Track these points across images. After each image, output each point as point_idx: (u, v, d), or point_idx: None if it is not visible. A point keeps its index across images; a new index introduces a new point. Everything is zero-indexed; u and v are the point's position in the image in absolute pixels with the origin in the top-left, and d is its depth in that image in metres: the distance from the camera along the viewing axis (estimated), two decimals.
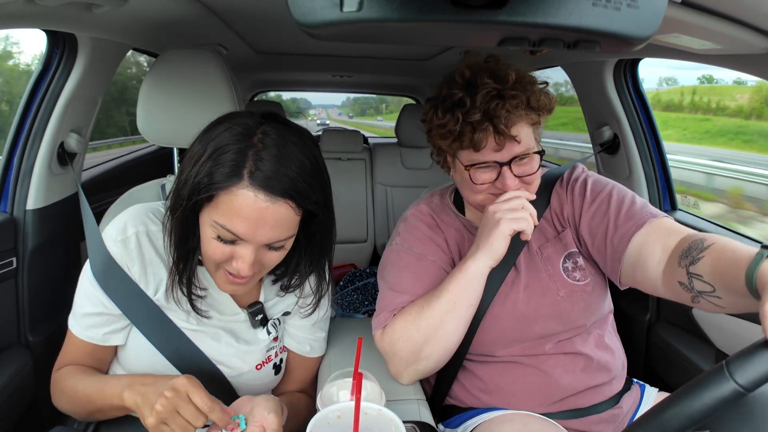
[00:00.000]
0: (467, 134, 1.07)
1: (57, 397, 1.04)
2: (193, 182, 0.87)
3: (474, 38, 0.65)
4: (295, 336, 1.18)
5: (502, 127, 1.05)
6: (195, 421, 0.83)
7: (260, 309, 1.10)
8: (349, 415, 0.74)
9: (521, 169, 1.11)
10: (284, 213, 0.87)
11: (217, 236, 0.89)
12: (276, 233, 0.89)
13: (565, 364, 1.17)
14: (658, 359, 1.77)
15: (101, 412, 0.98)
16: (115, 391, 0.92)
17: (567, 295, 1.18)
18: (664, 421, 0.58)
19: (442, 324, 1.10)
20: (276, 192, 0.85)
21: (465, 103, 1.07)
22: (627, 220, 1.10)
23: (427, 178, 2.91)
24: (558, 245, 1.22)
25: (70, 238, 1.68)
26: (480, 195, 1.15)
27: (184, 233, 0.94)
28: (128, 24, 1.39)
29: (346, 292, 2.45)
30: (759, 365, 0.56)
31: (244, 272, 0.90)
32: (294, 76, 3.70)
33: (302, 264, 1.07)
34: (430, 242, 1.24)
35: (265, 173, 0.85)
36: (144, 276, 1.00)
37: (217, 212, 0.87)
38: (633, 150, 1.87)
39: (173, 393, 0.83)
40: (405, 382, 1.18)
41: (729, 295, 0.84)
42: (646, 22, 0.52)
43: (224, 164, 0.85)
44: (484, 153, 1.09)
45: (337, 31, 0.52)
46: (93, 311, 1.00)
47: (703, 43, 1.02)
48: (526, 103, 1.07)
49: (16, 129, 1.48)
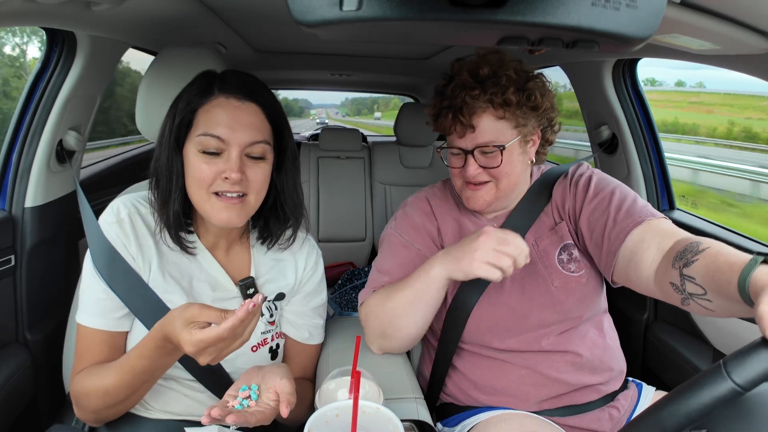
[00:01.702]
0: (440, 118, 1.21)
1: (84, 403, 1.01)
2: (172, 121, 1.00)
3: (473, 37, 0.65)
4: (294, 322, 1.20)
5: (460, 116, 1.15)
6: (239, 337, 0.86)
7: (251, 282, 1.12)
8: (348, 414, 0.74)
9: (485, 160, 1.18)
10: (255, 113, 1.01)
11: (202, 151, 0.98)
12: (252, 133, 1.00)
13: (560, 366, 1.17)
14: (655, 358, 1.78)
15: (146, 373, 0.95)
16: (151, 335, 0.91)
17: (561, 286, 1.19)
18: (662, 419, 0.58)
19: (401, 315, 1.18)
20: (245, 94, 1.01)
21: (445, 91, 1.21)
22: (626, 217, 1.11)
23: (427, 177, 2.90)
24: (554, 237, 1.24)
25: (69, 236, 1.68)
26: (458, 182, 1.25)
27: (169, 170, 1.01)
28: (127, 22, 1.39)
29: (345, 291, 2.45)
30: (756, 365, 0.56)
31: (234, 175, 0.97)
32: (293, 75, 3.70)
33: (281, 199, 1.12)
34: (421, 230, 1.29)
35: (233, 82, 1.01)
36: (140, 253, 1.04)
37: (197, 128, 0.99)
38: (631, 150, 1.87)
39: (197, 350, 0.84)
40: (375, 350, 1.27)
41: (719, 299, 0.84)
42: (644, 22, 0.52)
43: (195, 90, 1.01)
44: (452, 138, 1.21)
45: (336, 29, 0.52)
46: (102, 296, 1.01)
47: (702, 44, 1.02)
48: (489, 97, 1.14)
49: (15, 126, 1.48)
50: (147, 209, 1.07)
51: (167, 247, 1.06)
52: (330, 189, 2.87)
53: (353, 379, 0.85)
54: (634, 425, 0.61)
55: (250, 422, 0.87)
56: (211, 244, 1.11)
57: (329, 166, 2.93)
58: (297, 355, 1.22)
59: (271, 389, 0.92)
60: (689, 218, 1.82)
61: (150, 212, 1.06)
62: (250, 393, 0.92)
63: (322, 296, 1.24)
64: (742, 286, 0.74)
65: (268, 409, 0.90)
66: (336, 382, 0.94)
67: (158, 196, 1.03)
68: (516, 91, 1.15)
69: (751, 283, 0.73)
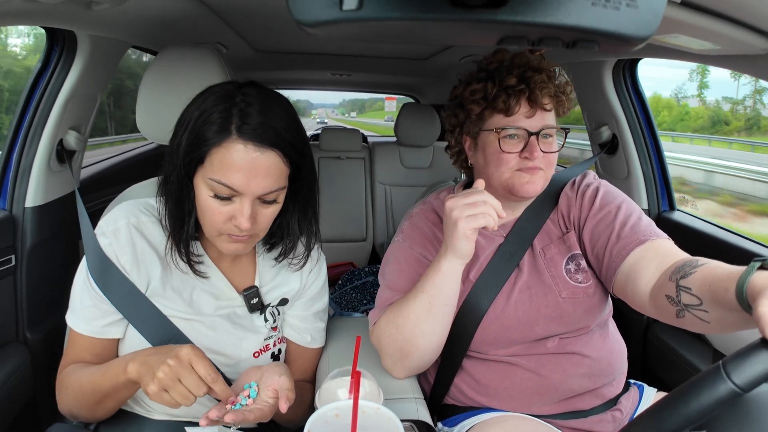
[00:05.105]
0: (501, 97, 1.11)
1: (62, 397, 1.04)
2: (185, 146, 0.92)
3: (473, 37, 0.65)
4: (296, 327, 1.19)
5: (537, 93, 1.10)
6: (196, 390, 0.84)
7: (255, 292, 1.12)
8: (347, 414, 0.74)
9: (546, 144, 1.14)
10: (273, 162, 0.92)
11: (214, 195, 0.93)
12: (268, 183, 0.93)
13: (565, 368, 1.16)
14: (655, 359, 1.78)
15: (108, 398, 0.97)
16: (120, 366, 0.92)
17: (569, 297, 1.17)
18: (661, 421, 0.58)
19: (418, 324, 1.10)
20: (264, 142, 0.90)
21: (501, 71, 1.13)
22: (630, 234, 1.10)
23: (427, 177, 2.91)
24: (562, 247, 1.21)
25: (69, 236, 1.68)
26: (506, 169, 1.15)
27: (180, 196, 0.97)
28: (127, 21, 1.39)
29: (345, 291, 2.46)
30: (756, 366, 0.56)
31: (245, 225, 0.93)
32: (293, 75, 3.71)
33: (292, 224, 1.10)
34: (433, 242, 1.24)
35: (252, 125, 0.90)
36: (136, 266, 1.02)
37: (211, 169, 0.91)
38: (632, 150, 1.87)
39: (176, 361, 0.85)
40: (398, 376, 1.19)
41: (716, 308, 0.83)
42: (645, 22, 0.52)
43: (212, 123, 0.90)
44: (516, 118, 1.12)
45: (336, 29, 0.52)
46: (89, 303, 1.01)
47: (702, 44, 1.02)
48: (555, 84, 1.14)
49: (16, 126, 1.48)
50: (149, 218, 1.05)
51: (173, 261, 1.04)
52: (330, 189, 2.87)
53: (353, 379, 0.85)
54: (633, 426, 0.61)
55: (248, 419, 0.87)
56: (216, 254, 1.10)
57: (329, 166, 2.93)
58: (298, 358, 1.22)
59: (270, 387, 0.92)
60: (689, 219, 1.81)
61: (154, 221, 1.04)
62: (250, 391, 0.92)
63: (324, 300, 1.23)
64: (740, 291, 0.73)
65: (266, 406, 0.91)
66: (336, 382, 0.94)
67: (169, 218, 1.01)
68: (567, 85, 1.17)
69: (749, 288, 0.72)
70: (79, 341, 1.03)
